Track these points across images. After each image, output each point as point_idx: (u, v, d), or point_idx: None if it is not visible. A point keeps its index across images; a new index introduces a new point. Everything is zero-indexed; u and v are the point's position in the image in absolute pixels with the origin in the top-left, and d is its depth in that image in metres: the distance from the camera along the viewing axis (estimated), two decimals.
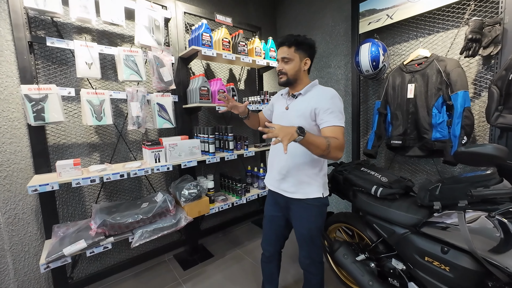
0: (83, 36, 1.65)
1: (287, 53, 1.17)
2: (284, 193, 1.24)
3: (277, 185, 1.27)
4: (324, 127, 1.09)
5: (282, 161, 1.23)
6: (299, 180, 1.19)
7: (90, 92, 1.48)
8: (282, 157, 1.23)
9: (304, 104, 1.17)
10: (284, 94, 1.33)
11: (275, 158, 1.29)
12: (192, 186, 1.79)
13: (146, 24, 1.66)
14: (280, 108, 1.29)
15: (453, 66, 1.50)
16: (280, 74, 1.20)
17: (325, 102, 1.11)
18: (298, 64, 1.19)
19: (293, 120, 1.19)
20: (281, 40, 1.19)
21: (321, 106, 1.10)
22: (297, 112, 1.18)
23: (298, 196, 1.20)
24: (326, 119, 1.09)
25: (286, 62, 1.18)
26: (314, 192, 1.20)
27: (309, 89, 1.21)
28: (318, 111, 1.11)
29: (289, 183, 1.22)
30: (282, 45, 1.18)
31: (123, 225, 1.45)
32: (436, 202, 1.06)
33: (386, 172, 1.45)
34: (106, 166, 1.52)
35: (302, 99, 1.20)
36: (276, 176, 1.26)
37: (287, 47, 1.17)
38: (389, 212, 1.24)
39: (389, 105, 1.82)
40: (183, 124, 2.04)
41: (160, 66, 1.71)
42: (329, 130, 1.07)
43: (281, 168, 1.23)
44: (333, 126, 1.08)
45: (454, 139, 1.47)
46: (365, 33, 1.97)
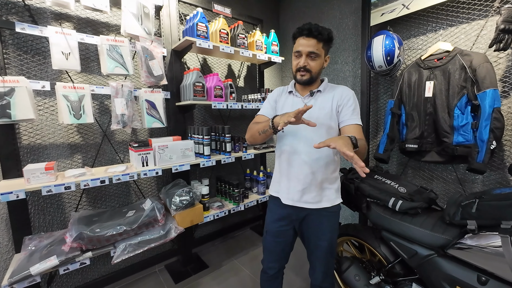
0: (63, 24, 1.47)
1: (316, 47, 0.99)
2: (307, 205, 1.08)
3: (298, 197, 1.09)
4: (347, 125, 1.03)
5: (304, 169, 1.06)
6: (322, 187, 1.09)
7: (67, 86, 1.30)
8: (304, 164, 1.06)
9: (327, 101, 1.07)
10: (295, 92, 1.14)
11: (294, 167, 1.09)
12: (184, 192, 1.61)
13: (133, 11, 1.48)
14: (295, 106, 1.09)
15: (480, 61, 1.31)
16: (303, 71, 1.03)
17: (347, 99, 1.06)
18: (323, 61, 1.07)
19: (320, 120, 1.04)
20: (308, 29, 0.97)
21: (344, 102, 1.05)
22: (323, 110, 1.06)
23: (323, 205, 1.08)
24: (349, 116, 1.04)
25: (313, 58, 1.02)
26: (337, 198, 1.12)
27: (326, 86, 1.13)
28: (342, 108, 1.06)
29: (313, 192, 1.07)
30: (310, 37, 0.98)
31: (102, 238, 1.27)
32: (470, 221, 0.88)
33: (403, 181, 1.27)
34: (86, 171, 1.34)
35: (323, 96, 1.09)
36: (298, 186, 1.08)
37: (317, 41, 0.98)
38: (410, 230, 1.06)
39: (403, 104, 1.64)
40: (176, 124, 1.86)
41: (149, 59, 1.53)
42: (353, 129, 1.01)
43: (304, 176, 1.06)
44: (356, 124, 1.03)
45: (481, 144, 1.29)
46: (377, 25, 1.79)
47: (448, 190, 1.64)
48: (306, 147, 1.05)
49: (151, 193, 1.93)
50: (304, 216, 1.11)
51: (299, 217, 1.12)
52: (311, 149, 1.04)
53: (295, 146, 1.08)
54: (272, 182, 1.21)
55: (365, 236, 1.34)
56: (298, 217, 1.12)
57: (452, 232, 0.95)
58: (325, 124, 1.05)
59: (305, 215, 1.11)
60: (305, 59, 1.01)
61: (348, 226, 1.48)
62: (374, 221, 1.21)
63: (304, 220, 1.12)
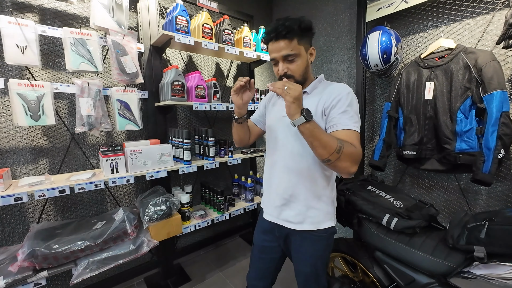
0: (26, 15, 1.33)
1: (290, 48, 0.82)
2: (286, 223, 0.94)
3: (276, 213, 0.96)
4: (335, 131, 0.81)
5: (284, 181, 0.93)
6: (307, 205, 0.91)
7: (24, 83, 1.16)
8: (284, 175, 0.92)
9: (313, 104, 0.88)
10: (268, 97, 1.05)
11: (274, 178, 0.97)
12: (160, 201, 1.47)
13: (104, 2, 1.33)
14: (279, 112, 0.97)
15: (486, 60, 1.18)
16: (286, 77, 0.86)
17: (337, 99, 0.84)
18: (306, 58, 0.87)
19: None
20: (271, 30, 0.82)
21: (332, 103, 0.84)
22: None
23: (306, 228, 0.91)
24: (338, 120, 0.82)
25: (291, 61, 0.84)
26: (326, 221, 0.92)
27: (316, 86, 0.94)
28: (329, 110, 0.84)
29: (294, 210, 0.92)
30: (278, 38, 0.81)
31: (60, 256, 1.13)
32: (478, 247, 0.74)
33: (400, 193, 1.13)
34: (45, 178, 1.20)
35: (310, 98, 0.91)
36: (276, 201, 0.95)
37: (288, 41, 0.81)
38: (406, 252, 0.92)
39: (401, 107, 1.50)
40: (156, 126, 1.71)
41: (121, 55, 1.38)
42: (342, 135, 0.79)
43: (283, 190, 0.93)
44: (346, 130, 0.80)
45: (488, 152, 1.15)
46: (373, 21, 1.65)
47: (449, 201, 1.50)
48: (285, 156, 0.92)
49: (128, 200, 1.78)
50: (286, 234, 0.97)
51: (282, 234, 0.98)
52: (290, 159, 0.90)
53: (275, 155, 0.96)
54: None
55: (358, 254, 1.19)
56: (280, 234, 0.98)
57: (456, 258, 0.81)
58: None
59: (287, 233, 0.96)
60: (282, 65, 0.85)
61: (340, 241, 1.33)
62: (367, 239, 1.07)
63: (290, 242, 0.97)
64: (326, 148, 0.72)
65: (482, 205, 1.39)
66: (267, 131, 1.05)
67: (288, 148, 0.91)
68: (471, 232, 0.77)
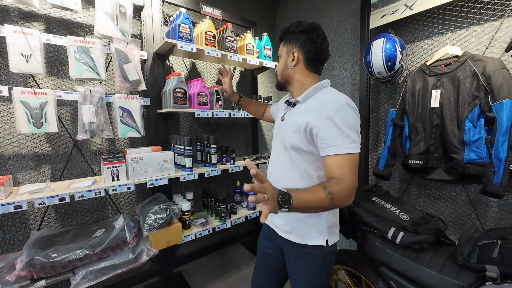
0: (32, 24, 1.35)
1: (279, 50, 0.96)
2: (277, 230, 0.95)
3: (270, 218, 0.99)
4: (326, 156, 0.75)
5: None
6: (295, 217, 0.88)
7: (27, 91, 1.17)
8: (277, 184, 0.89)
9: (301, 116, 0.83)
10: (286, 98, 1.03)
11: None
12: (160, 209, 1.45)
13: (108, 10, 1.35)
14: (278, 118, 1.00)
15: (495, 67, 1.14)
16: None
17: (325, 116, 0.74)
18: (284, 59, 0.91)
19: (287, 137, 0.87)
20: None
21: (321, 124, 0.74)
22: (292, 127, 0.85)
23: (293, 239, 0.89)
24: (328, 142, 0.73)
25: (279, 61, 0.97)
26: (314, 238, 0.86)
27: (311, 94, 0.86)
28: (316, 132, 0.76)
29: (282, 219, 0.92)
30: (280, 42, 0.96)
31: (58, 265, 1.11)
32: (491, 266, 0.69)
33: (406, 205, 1.09)
34: (45, 186, 1.20)
35: (300, 108, 0.87)
36: None
37: (281, 43, 0.96)
38: (413, 268, 0.87)
39: (407, 115, 1.47)
40: (158, 133, 1.71)
41: (124, 62, 1.39)
42: (333, 164, 0.72)
43: None
44: (338, 155, 0.72)
45: (498, 163, 1.11)
46: (378, 28, 1.63)
47: (457, 212, 1.45)
48: (277, 165, 0.94)
49: (130, 207, 1.77)
50: (284, 247, 0.94)
51: (280, 245, 0.96)
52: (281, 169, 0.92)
53: (271, 160, 1.00)
54: None
55: (362, 268, 1.15)
56: (279, 244, 0.96)
57: (467, 277, 0.77)
58: (292, 145, 0.84)
59: (285, 246, 0.94)
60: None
61: (344, 253, 1.29)
62: (371, 253, 1.03)
63: (285, 253, 0.95)
64: (319, 209, 0.68)
65: (493, 217, 1.33)
66: (273, 136, 1.07)
67: (276, 152, 0.94)
68: (483, 250, 0.73)
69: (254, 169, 0.56)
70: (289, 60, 0.89)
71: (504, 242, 0.70)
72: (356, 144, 0.74)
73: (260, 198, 0.55)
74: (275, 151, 0.97)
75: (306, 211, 0.67)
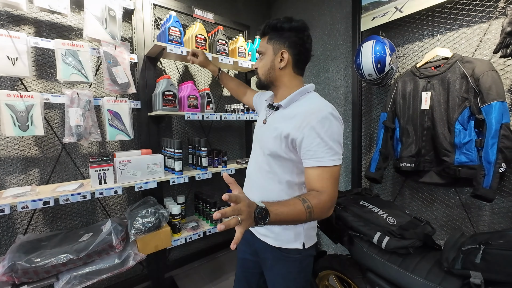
0: (21, 28, 1.36)
1: (261, 45, 0.88)
2: (254, 231, 0.93)
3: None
4: (308, 167, 0.74)
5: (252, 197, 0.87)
6: None
7: (13, 94, 1.17)
8: (252, 191, 0.92)
9: (283, 122, 0.80)
10: (268, 99, 0.97)
11: (248, 190, 0.95)
12: (149, 213, 1.43)
13: (97, 14, 1.35)
14: (259, 121, 0.96)
15: (484, 69, 1.13)
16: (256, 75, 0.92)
17: (310, 128, 0.72)
18: (270, 59, 0.83)
19: (267, 142, 0.85)
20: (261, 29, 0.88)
21: (304, 134, 0.73)
22: (273, 132, 0.82)
23: (270, 242, 0.87)
24: (311, 154, 0.72)
25: (259, 59, 0.89)
26: (291, 241, 0.85)
27: (294, 99, 0.83)
28: (299, 142, 0.74)
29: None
30: (261, 37, 0.89)
31: (41, 270, 1.09)
32: (475, 272, 0.67)
33: (394, 209, 1.07)
34: (31, 189, 1.18)
35: (282, 113, 0.84)
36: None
37: (262, 38, 0.87)
38: (399, 274, 0.85)
39: (397, 117, 1.46)
40: (149, 136, 1.70)
41: (112, 65, 1.39)
42: (314, 176, 0.72)
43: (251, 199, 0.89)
44: (319, 167, 0.71)
45: (488, 166, 1.09)
46: (369, 30, 1.63)
47: (450, 216, 1.42)
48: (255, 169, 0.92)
49: (120, 211, 1.76)
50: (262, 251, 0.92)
51: (258, 249, 0.94)
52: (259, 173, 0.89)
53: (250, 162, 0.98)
54: None
55: (351, 274, 1.12)
56: (257, 248, 0.94)
57: (452, 283, 0.74)
58: (271, 151, 0.82)
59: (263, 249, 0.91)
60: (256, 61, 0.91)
61: (333, 258, 1.27)
62: (358, 259, 1.00)
63: (263, 258, 0.93)
64: (297, 222, 0.67)
65: (485, 221, 1.31)
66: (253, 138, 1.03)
67: (259, 163, 0.90)
68: (467, 256, 0.71)
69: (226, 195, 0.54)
70: (276, 60, 0.83)
71: (487, 247, 0.68)
72: (338, 156, 0.73)
73: (232, 223, 0.53)
74: (254, 155, 0.95)
75: (282, 224, 0.66)
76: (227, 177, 0.59)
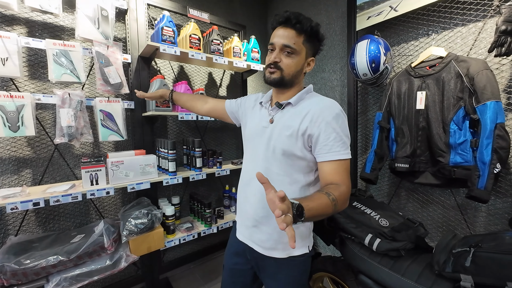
0: (13, 28, 1.35)
1: (293, 41, 0.76)
2: (258, 248, 0.87)
3: (248, 234, 0.90)
4: (324, 162, 0.76)
5: (255, 205, 0.85)
6: (279, 231, 0.81)
7: (3, 94, 1.16)
8: (258, 194, 0.85)
9: (296, 119, 0.79)
10: (265, 102, 0.91)
11: (249, 196, 0.89)
12: (141, 214, 1.42)
13: (89, 14, 1.35)
14: (260, 121, 0.88)
15: (479, 68, 1.12)
16: (274, 67, 0.79)
17: (326, 124, 0.75)
18: (303, 62, 0.81)
19: (280, 141, 0.80)
20: (286, 17, 0.77)
21: (321, 129, 0.75)
22: (286, 130, 0.80)
23: (278, 255, 0.83)
24: (328, 148, 0.75)
25: (288, 54, 0.78)
26: (300, 247, 0.84)
27: (302, 98, 0.84)
28: (316, 137, 0.76)
29: (265, 234, 0.85)
30: (287, 26, 0.77)
31: (30, 272, 1.08)
32: (465, 276, 0.66)
33: (387, 211, 1.05)
34: (21, 190, 1.18)
35: (293, 111, 0.82)
36: (247, 222, 0.90)
37: (296, 33, 0.77)
38: (390, 277, 0.84)
39: (392, 117, 1.44)
40: (143, 136, 1.69)
41: (105, 65, 1.38)
42: (331, 169, 0.75)
43: (255, 211, 0.86)
44: (336, 161, 0.74)
45: (483, 166, 1.07)
46: (364, 29, 1.62)
47: (446, 217, 1.41)
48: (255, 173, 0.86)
49: (114, 212, 1.75)
50: (262, 263, 0.88)
51: (256, 260, 0.90)
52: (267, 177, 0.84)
53: (251, 168, 0.89)
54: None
55: (344, 276, 1.11)
56: (252, 257, 0.91)
57: (443, 286, 0.73)
58: (285, 150, 0.79)
59: (263, 262, 0.88)
60: (278, 53, 0.78)
61: (327, 260, 1.25)
62: (350, 261, 0.99)
63: (263, 268, 0.89)
64: (324, 216, 0.67)
65: (481, 222, 1.29)
66: (246, 140, 0.96)
67: (265, 165, 0.83)
68: (457, 259, 0.69)
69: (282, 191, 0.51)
70: (305, 65, 0.83)
71: (477, 250, 0.66)
72: (349, 150, 0.77)
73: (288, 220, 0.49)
74: (256, 157, 0.88)
75: (313, 219, 0.65)
76: (260, 176, 0.57)
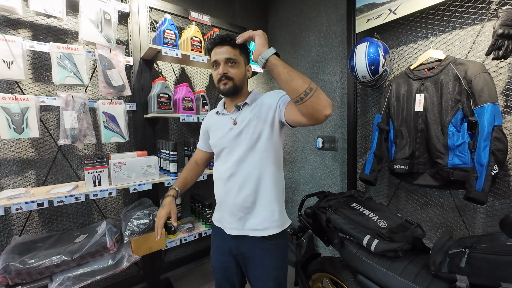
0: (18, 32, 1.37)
1: (233, 53, 0.94)
2: (253, 232, 0.94)
3: (240, 225, 0.96)
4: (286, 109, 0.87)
5: (243, 190, 0.94)
6: (270, 210, 0.94)
7: (8, 97, 1.18)
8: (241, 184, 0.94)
9: (256, 109, 0.95)
10: (221, 110, 1.05)
11: (231, 190, 0.97)
12: (143, 214, 1.44)
13: (92, 17, 1.37)
14: (225, 126, 1.00)
15: (476, 71, 1.13)
16: (225, 79, 0.94)
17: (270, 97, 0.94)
18: (244, 69, 0.99)
19: (248, 132, 0.93)
20: (220, 38, 0.95)
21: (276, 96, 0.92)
22: (251, 121, 0.94)
23: (272, 232, 0.93)
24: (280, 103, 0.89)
25: (232, 66, 0.94)
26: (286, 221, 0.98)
27: (255, 98, 1.00)
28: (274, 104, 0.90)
29: (258, 217, 0.93)
30: (223, 44, 0.94)
31: (34, 271, 1.10)
32: (461, 276, 0.67)
33: (386, 212, 1.07)
34: (26, 191, 1.20)
35: (250, 109, 0.97)
36: (237, 213, 0.95)
37: (232, 48, 0.94)
38: (387, 278, 0.85)
39: (392, 119, 1.45)
40: (145, 138, 1.71)
41: (107, 68, 1.40)
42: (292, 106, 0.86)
43: (243, 199, 0.94)
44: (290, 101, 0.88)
45: (480, 168, 1.09)
46: (363, 32, 1.63)
47: (445, 219, 1.41)
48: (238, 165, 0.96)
49: (116, 212, 1.77)
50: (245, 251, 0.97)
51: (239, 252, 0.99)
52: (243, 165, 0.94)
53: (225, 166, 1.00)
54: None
55: (343, 276, 1.12)
56: (238, 251, 0.99)
57: (439, 287, 0.74)
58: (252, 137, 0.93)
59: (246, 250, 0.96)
60: (223, 66, 0.94)
61: (326, 260, 1.27)
62: (348, 261, 1.00)
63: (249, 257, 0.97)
64: (304, 78, 0.73)
65: (480, 224, 1.30)
66: (214, 148, 1.06)
67: (238, 155, 0.94)
68: (452, 260, 0.70)
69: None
70: (245, 71, 0.99)
71: (472, 251, 0.67)
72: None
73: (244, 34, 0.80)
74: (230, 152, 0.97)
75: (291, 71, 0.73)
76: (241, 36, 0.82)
